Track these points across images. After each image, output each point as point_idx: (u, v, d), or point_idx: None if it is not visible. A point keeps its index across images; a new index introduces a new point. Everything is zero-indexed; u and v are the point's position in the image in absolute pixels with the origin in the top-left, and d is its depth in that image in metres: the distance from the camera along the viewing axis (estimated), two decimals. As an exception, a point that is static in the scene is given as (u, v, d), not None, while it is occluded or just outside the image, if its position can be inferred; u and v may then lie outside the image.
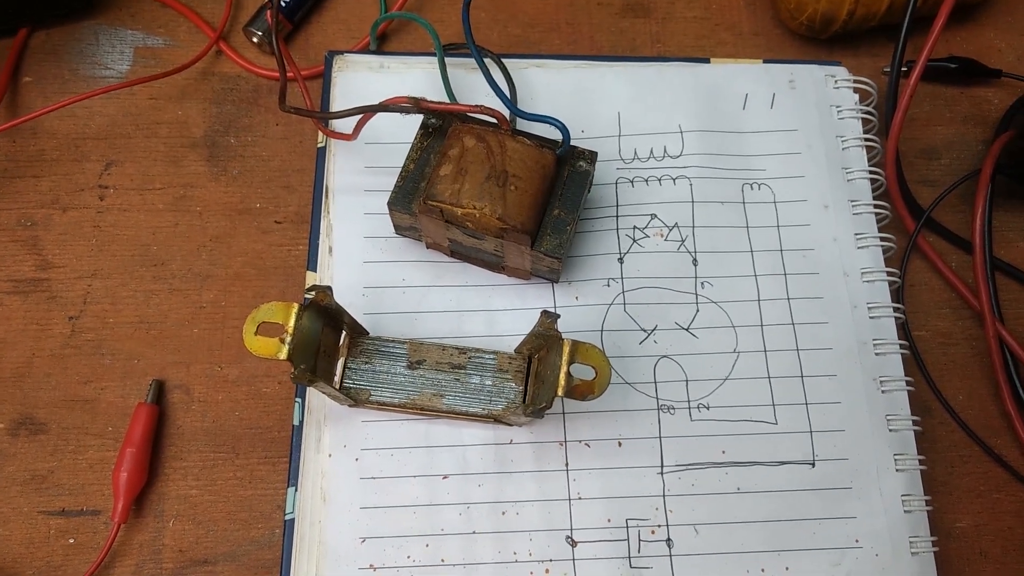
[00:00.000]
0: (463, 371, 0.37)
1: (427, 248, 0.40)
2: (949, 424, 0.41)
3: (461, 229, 0.36)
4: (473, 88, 0.43)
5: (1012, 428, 0.40)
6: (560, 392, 0.32)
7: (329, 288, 0.33)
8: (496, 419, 0.37)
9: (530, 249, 0.36)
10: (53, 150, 0.44)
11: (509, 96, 0.42)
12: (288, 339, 0.32)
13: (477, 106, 0.36)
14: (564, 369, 0.32)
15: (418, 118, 0.39)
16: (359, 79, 0.43)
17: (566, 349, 0.32)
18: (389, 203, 0.37)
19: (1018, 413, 0.40)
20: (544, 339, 0.35)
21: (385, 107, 0.36)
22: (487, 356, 0.38)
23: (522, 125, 0.40)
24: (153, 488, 0.39)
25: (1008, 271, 0.43)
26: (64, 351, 0.41)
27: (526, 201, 0.35)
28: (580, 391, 0.32)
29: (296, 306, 0.33)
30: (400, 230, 0.39)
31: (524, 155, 0.36)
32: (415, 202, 0.37)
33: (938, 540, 0.38)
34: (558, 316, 0.33)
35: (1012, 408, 0.40)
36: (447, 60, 0.42)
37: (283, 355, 0.32)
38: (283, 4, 0.45)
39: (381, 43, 0.47)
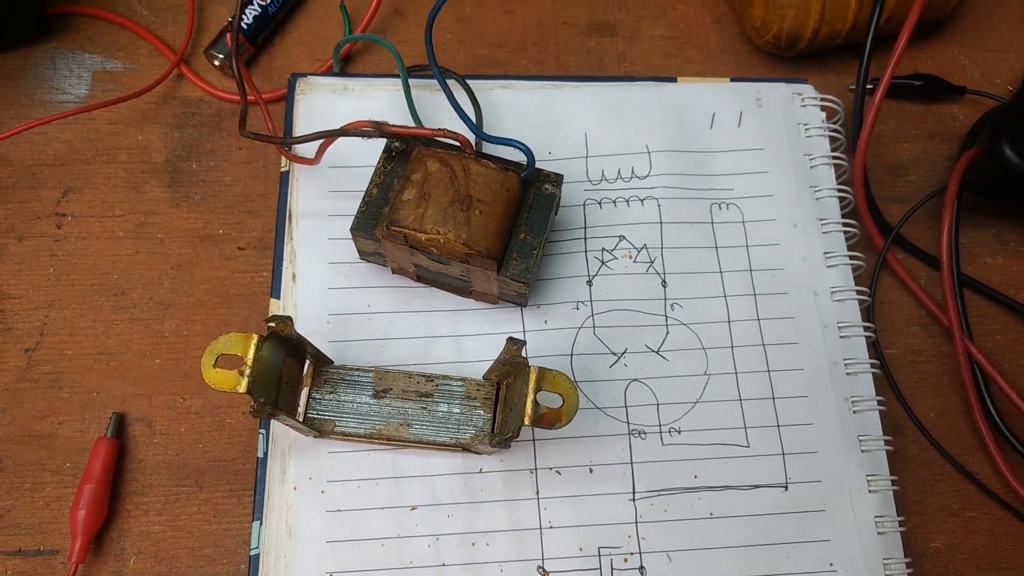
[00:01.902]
0: (430, 399, 0.37)
1: (393, 273, 0.39)
2: (921, 442, 0.41)
3: (426, 254, 0.36)
4: (439, 110, 0.42)
5: (983, 445, 0.40)
6: (527, 421, 0.31)
7: (289, 318, 0.33)
8: (464, 448, 0.36)
9: (496, 274, 0.36)
10: (8, 177, 0.43)
11: (475, 118, 0.42)
12: (247, 371, 0.32)
13: (440, 129, 0.35)
14: (531, 397, 0.32)
15: (383, 141, 0.38)
16: (322, 102, 0.43)
17: (532, 377, 0.32)
18: (352, 229, 0.36)
19: (989, 430, 0.40)
20: (511, 366, 0.34)
21: (346, 131, 0.35)
22: (455, 384, 0.37)
23: (488, 148, 0.39)
24: (113, 525, 0.38)
25: (976, 287, 0.43)
26: (20, 384, 0.39)
27: (491, 225, 0.35)
28: (547, 419, 0.32)
29: (255, 337, 0.32)
30: (365, 256, 0.39)
31: (488, 179, 0.35)
32: (378, 227, 0.36)
33: (912, 561, 0.38)
34: (523, 343, 0.33)
35: (983, 425, 0.40)
36: (413, 82, 0.41)
37: (242, 388, 0.31)
38: (245, 27, 0.44)
39: (346, 65, 0.46)
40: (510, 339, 0.33)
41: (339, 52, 0.43)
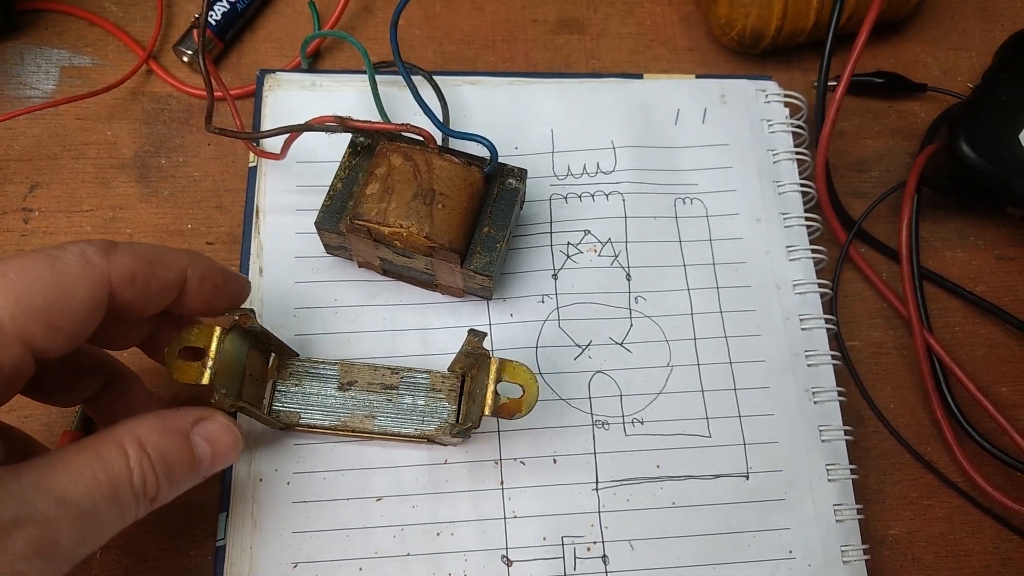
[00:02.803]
0: (395, 391, 0.37)
1: (359, 267, 0.40)
2: (882, 432, 0.41)
3: (390, 248, 0.36)
4: (406, 106, 0.43)
5: (941, 435, 0.41)
6: (487, 411, 0.32)
7: (252, 311, 0.33)
8: (429, 440, 0.36)
9: (460, 267, 0.36)
10: (-24, 173, 0.43)
11: (441, 114, 0.42)
12: (210, 363, 0.32)
13: (403, 124, 0.35)
14: (491, 388, 0.32)
15: (350, 136, 0.38)
16: (290, 98, 0.43)
17: (493, 367, 0.32)
18: (316, 223, 0.37)
19: (947, 420, 0.41)
20: (474, 358, 0.35)
21: (310, 126, 0.36)
22: (420, 376, 0.37)
23: (454, 144, 0.40)
24: (80, 518, 0.38)
25: (936, 280, 0.44)
26: (-13, 379, 0.39)
27: (454, 219, 0.35)
28: (507, 410, 0.32)
29: (218, 329, 0.32)
30: (330, 250, 0.39)
31: (451, 173, 0.36)
32: (342, 222, 0.36)
33: (871, 548, 0.38)
34: (484, 335, 0.33)
35: (941, 415, 0.41)
36: (381, 78, 0.42)
37: (205, 380, 0.32)
38: (213, 23, 0.45)
39: (315, 61, 0.47)
40: (471, 331, 0.33)
41: (307, 48, 0.44)
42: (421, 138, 0.36)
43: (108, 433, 0.28)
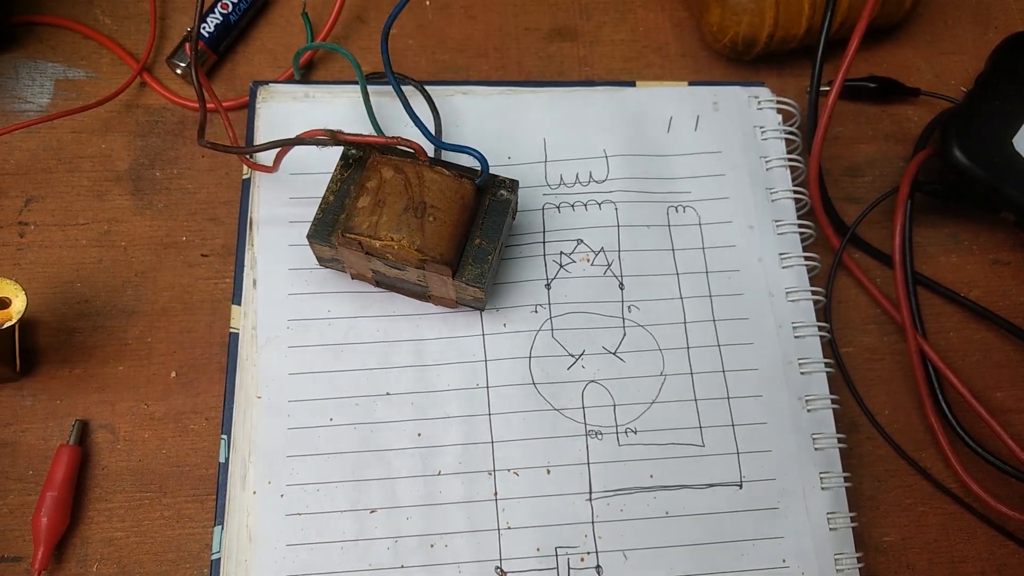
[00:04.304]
0: None
1: (352, 279, 0.40)
2: (876, 439, 0.41)
3: (382, 260, 0.36)
4: (400, 116, 0.42)
5: (936, 441, 0.41)
6: None
7: None
8: None
9: (452, 279, 0.36)
10: (-29, 187, 0.43)
11: (433, 124, 0.42)
12: None
13: (394, 138, 0.35)
14: None
15: (342, 148, 0.38)
16: (283, 109, 0.43)
17: None
18: (308, 236, 0.37)
19: (940, 426, 0.41)
20: None
21: (302, 140, 0.36)
22: None
23: (447, 155, 0.40)
24: (76, 532, 0.38)
25: (930, 286, 0.44)
26: (-17, 393, 0.40)
27: (445, 232, 0.35)
28: None
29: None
30: (323, 262, 0.39)
31: (442, 185, 0.36)
32: (334, 235, 0.36)
33: (866, 555, 0.38)
34: None
35: (935, 421, 0.41)
36: (375, 88, 0.42)
37: None
38: (206, 35, 0.45)
39: (309, 71, 0.47)
40: None
41: (299, 60, 0.44)
42: (412, 150, 0.36)
43: None
